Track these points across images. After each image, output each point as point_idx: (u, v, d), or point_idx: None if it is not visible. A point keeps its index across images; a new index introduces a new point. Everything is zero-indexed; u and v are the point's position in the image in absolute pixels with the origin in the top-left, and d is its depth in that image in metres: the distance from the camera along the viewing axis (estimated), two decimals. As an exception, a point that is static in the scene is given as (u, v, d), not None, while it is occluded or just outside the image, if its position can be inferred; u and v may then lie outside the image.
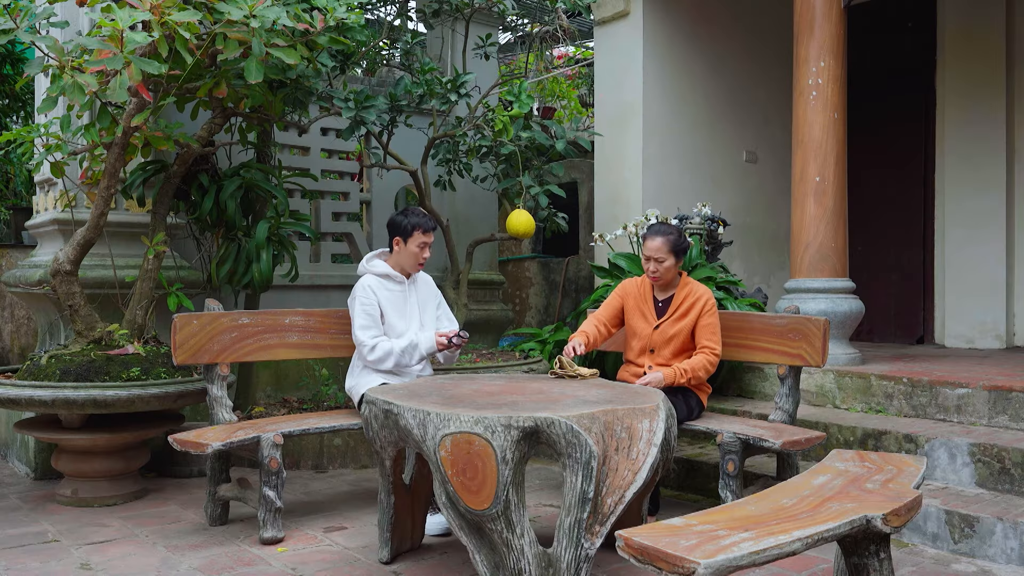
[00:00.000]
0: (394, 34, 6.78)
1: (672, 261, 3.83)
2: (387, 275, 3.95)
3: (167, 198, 4.60)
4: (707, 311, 3.85)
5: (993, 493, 3.68)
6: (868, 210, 7.06)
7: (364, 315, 3.87)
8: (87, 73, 3.68)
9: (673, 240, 3.82)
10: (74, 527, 3.85)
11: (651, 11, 6.28)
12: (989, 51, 6.32)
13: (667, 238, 3.82)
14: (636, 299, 3.97)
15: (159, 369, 4.27)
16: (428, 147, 5.46)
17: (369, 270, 3.97)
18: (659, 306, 3.94)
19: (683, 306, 3.87)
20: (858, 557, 2.44)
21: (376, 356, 3.83)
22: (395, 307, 3.94)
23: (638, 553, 2.03)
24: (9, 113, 8.02)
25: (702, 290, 3.91)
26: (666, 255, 3.81)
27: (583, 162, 7.75)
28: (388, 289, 3.94)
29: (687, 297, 3.89)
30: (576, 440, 2.63)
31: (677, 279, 3.95)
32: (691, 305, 3.86)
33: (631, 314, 3.97)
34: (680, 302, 3.88)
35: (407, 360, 3.86)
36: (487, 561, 2.78)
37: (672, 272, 3.87)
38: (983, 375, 4.48)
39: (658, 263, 3.82)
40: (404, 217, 3.95)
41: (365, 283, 3.93)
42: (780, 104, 6.81)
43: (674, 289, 3.94)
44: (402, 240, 3.93)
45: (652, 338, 3.89)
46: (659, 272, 3.84)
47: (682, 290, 3.91)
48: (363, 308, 3.88)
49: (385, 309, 3.91)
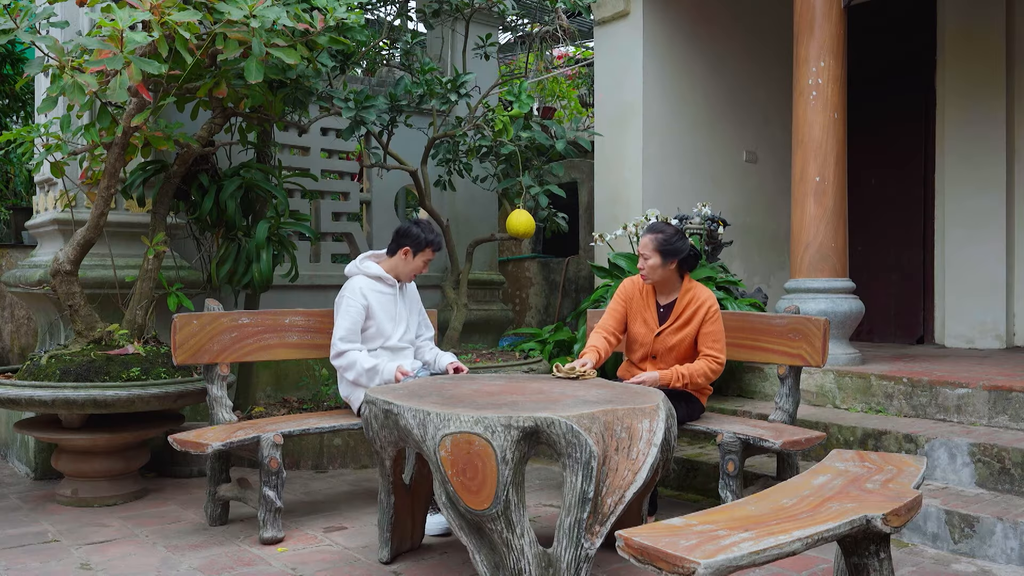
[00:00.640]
0: (394, 34, 6.78)
1: (657, 260, 3.69)
2: (379, 278, 3.95)
3: (167, 198, 4.60)
4: (710, 318, 3.73)
5: (993, 493, 3.68)
6: (868, 210, 7.07)
7: (347, 319, 3.84)
8: (87, 73, 3.68)
9: (659, 239, 3.69)
10: (74, 527, 3.85)
11: (651, 11, 6.28)
12: (989, 51, 6.32)
13: (654, 236, 3.71)
14: (638, 303, 3.86)
15: (159, 369, 4.27)
16: (428, 147, 5.47)
17: (362, 271, 3.96)
18: (661, 311, 3.83)
19: (685, 313, 3.75)
20: (858, 557, 2.44)
21: (342, 363, 3.82)
22: (385, 310, 3.94)
23: (638, 553, 2.03)
24: (9, 113, 8.02)
25: (705, 295, 3.78)
26: (651, 253, 3.69)
27: (583, 162, 7.75)
28: (379, 291, 3.93)
29: (689, 303, 3.76)
30: (576, 440, 2.63)
31: (678, 283, 3.82)
32: (693, 313, 3.74)
33: (633, 319, 3.87)
34: (682, 309, 3.76)
35: (365, 381, 3.78)
36: (487, 561, 2.78)
37: (658, 272, 3.72)
38: (983, 375, 4.48)
39: (644, 260, 3.73)
40: (421, 231, 3.93)
41: (355, 285, 3.90)
42: (780, 104, 6.81)
43: (676, 293, 3.81)
44: (412, 252, 3.93)
45: (654, 346, 3.80)
46: (644, 269, 3.73)
47: (684, 295, 3.78)
48: (348, 312, 3.84)
49: (376, 312, 3.90)
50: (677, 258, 3.71)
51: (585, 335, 4.79)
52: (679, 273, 3.79)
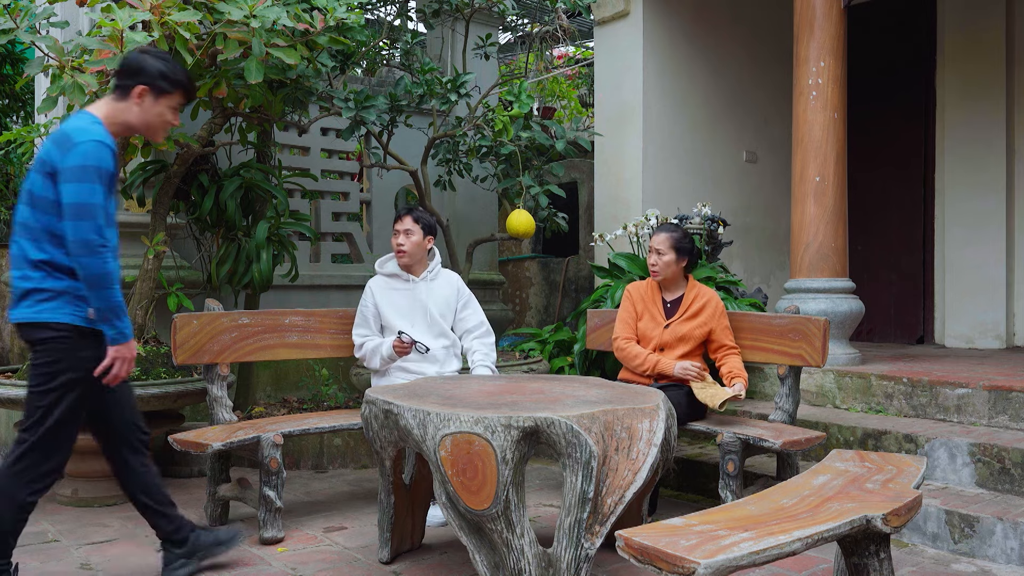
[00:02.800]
0: (394, 34, 6.78)
1: (672, 257, 3.95)
2: (395, 275, 4.05)
3: (167, 198, 4.60)
4: (721, 313, 3.97)
5: (993, 493, 3.68)
6: (868, 210, 7.06)
7: (359, 315, 4.08)
8: (87, 73, 3.68)
9: (677, 237, 3.96)
10: (74, 527, 3.85)
11: (651, 11, 6.28)
12: (989, 51, 6.32)
13: (672, 234, 3.97)
14: (645, 302, 4.05)
15: (159, 369, 4.27)
16: (428, 147, 5.46)
17: (379, 271, 4.11)
18: (667, 307, 4.03)
19: (693, 306, 3.96)
20: (858, 557, 2.44)
21: (361, 354, 4.05)
22: (395, 306, 3.99)
23: (638, 553, 2.03)
24: (9, 113, 8.02)
25: (711, 293, 4.03)
26: (668, 249, 3.94)
27: (583, 162, 7.75)
28: (394, 288, 4.03)
29: (696, 298, 3.98)
30: (576, 440, 2.63)
31: (683, 282, 4.06)
32: (702, 307, 3.95)
33: (640, 316, 4.05)
34: (690, 303, 3.98)
35: (375, 362, 3.97)
36: (487, 561, 2.78)
37: (671, 269, 3.97)
38: (983, 375, 4.48)
39: (659, 255, 3.95)
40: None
41: (369, 283, 4.10)
42: (780, 104, 6.81)
43: (681, 290, 4.04)
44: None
45: (663, 337, 3.94)
46: (658, 265, 3.96)
47: (691, 292, 4.01)
48: (360, 308, 4.08)
49: (384, 309, 4.00)
50: (688, 257, 4.01)
51: (585, 335, 4.79)
52: (684, 271, 4.05)
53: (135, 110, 2.84)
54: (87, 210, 2.65)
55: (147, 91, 2.83)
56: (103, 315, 2.75)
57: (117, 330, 2.77)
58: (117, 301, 2.75)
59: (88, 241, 2.65)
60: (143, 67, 2.82)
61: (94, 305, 2.74)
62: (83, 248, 2.66)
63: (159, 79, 2.83)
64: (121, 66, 2.88)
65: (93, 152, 2.67)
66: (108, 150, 2.71)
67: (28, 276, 2.76)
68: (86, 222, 2.65)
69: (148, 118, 2.87)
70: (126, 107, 2.83)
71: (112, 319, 2.76)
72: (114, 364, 2.80)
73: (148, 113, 2.85)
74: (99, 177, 2.67)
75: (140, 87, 2.82)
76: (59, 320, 2.75)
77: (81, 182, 2.65)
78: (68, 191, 2.65)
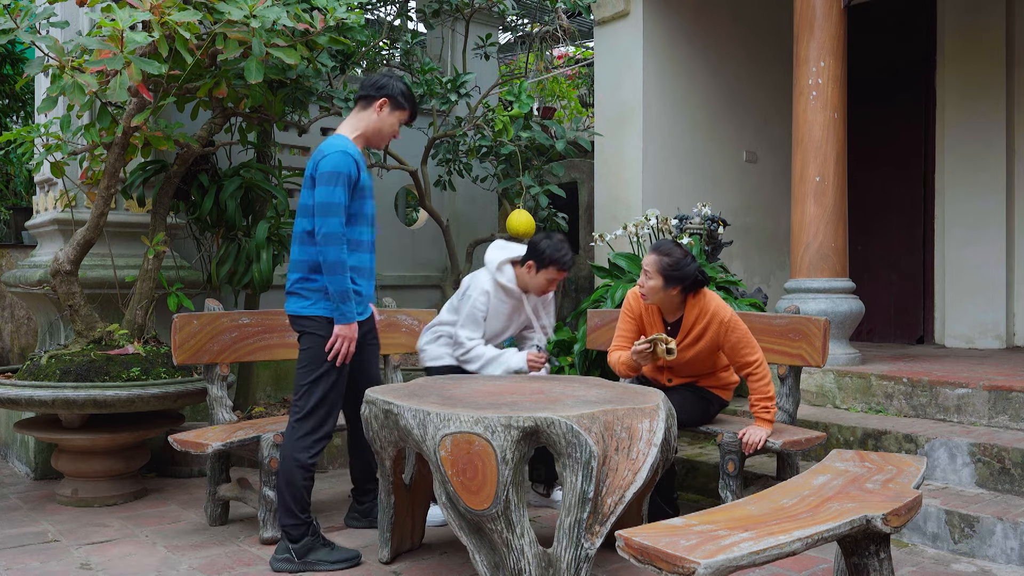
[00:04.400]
0: (394, 34, 6.78)
1: (659, 283, 3.46)
2: (507, 288, 3.94)
3: (167, 198, 4.60)
4: (730, 327, 3.49)
5: (993, 493, 3.68)
6: (868, 210, 7.06)
7: (471, 320, 3.90)
8: (87, 73, 3.68)
9: (666, 264, 3.43)
10: (74, 527, 3.85)
11: (651, 11, 6.28)
12: (989, 51, 6.32)
13: (660, 259, 3.45)
14: (646, 319, 3.68)
15: (159, 369, 4.27)
16: (428, 147, 5.47)
17: (496, 276, 3.93)
18: (668, 329, 3.63)
19: (695, 328, 3.53)
20: (858, 557, 2.44)
21: (467, 356, 3.92)
22: (498, 314, 3.96)
23: (638, 553, 2.03)
24: (9, 113, 8.02)
25: (713, 306, 3.51)
26: (655, 274, 3.46)
27: (583, 162, 7.75)
28: (501, 300, 3.95)
29: (698, 317, 3.52)
30: (576, 440, 2.63)
31: (681, 305, 3.57)
32: (705, 327, 3.51)
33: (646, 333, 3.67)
34: (689, 328, 3.55)
35: (493, 369, 3.88)
36: (487, 561, 2.78)
37: (658, 295, 3.50)
38: (983, 375, 4.48)
39: (646, 277, 3.49)
40: (547, 248, 3.84)
41: (485, 288, 3.91)
42: (780, 104, 6.81)
43: (680, 313, 3.59)
44: (535, 267, 3.87)
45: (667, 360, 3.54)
46: (644, 288, 3.52)
47: (690, 314, 3.54)
48: (473, 313, 3.89)
49: (489, 315, 3.93)
50: (681, 285, 3.47)
51: (585, 335, 4.79)
52: (682, 297, 3.54)
53: (374, 117, 3.41)
54: (330, 209, 3.18)
55: (387, 103, 3.41)
56: (333, 297, 3.23)
57: (340, 312, 3.25)
58: (346, 287, 3.22)
59: (329, 234, 3.18)
60: (387, 85, 3.42)
61: (329, 289, 3.23)
62: (325, 240, 3.18)
63: (399, 95, 3.43)
64: (369, 81, 3.46)
65: (340, 161, 3.21)
66: (350, 159, 3.23)
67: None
68: (332, 218, 3.18)
69: (383, 126, 3.44)
70: (367, 115, 3.41)
71: (339, 302, 3.24)
72: (338, 341, 3.26)
73: (384, 122, 3.43)
74: (341, 181, 3.20)
75: (382, 99, 3.40)
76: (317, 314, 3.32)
77: (327, 185, 3.19)
78: (318, 193, 3.20)
